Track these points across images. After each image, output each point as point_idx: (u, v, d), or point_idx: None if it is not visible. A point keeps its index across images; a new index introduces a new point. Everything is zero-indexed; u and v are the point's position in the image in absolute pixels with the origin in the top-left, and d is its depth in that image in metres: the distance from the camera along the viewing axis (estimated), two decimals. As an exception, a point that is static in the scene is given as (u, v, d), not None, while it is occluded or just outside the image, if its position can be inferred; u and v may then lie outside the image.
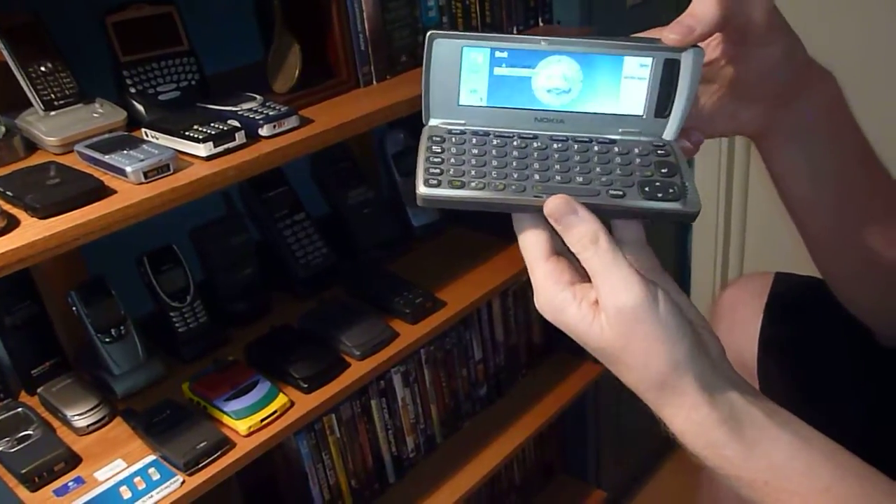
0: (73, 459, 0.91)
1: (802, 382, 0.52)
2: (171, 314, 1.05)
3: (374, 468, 1.23)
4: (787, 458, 0.50)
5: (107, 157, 0.81)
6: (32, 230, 0.72)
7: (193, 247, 1.12)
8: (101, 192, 0.77)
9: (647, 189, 0.52)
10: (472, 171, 0.53)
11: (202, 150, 0.83)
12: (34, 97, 0.89)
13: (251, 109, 0.90)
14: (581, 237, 0.50)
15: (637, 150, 0.55)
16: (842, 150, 0.62)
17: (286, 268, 1.19)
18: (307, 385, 1.01)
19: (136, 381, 1.02)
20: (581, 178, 0.53)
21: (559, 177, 0.53)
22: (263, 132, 0.88)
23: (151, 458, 0.91)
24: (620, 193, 0.52)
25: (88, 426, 0.96)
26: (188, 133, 0.84)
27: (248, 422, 0.94)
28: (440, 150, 0.55)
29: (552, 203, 0.51)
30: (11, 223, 0.73)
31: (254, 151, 0.86)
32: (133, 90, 0.93)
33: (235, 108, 0.90)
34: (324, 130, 0.91)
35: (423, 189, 0.53)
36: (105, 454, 0.93)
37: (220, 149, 0.84)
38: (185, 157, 0.84)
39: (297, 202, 1.21)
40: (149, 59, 0.94)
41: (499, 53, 0.55)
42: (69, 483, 0.88)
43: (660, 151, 0.55)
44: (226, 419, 0.95)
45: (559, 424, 1.62)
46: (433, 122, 0.57)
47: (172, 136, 0.85)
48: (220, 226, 1.13)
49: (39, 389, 1.00)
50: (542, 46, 0.54)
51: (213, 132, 0.84)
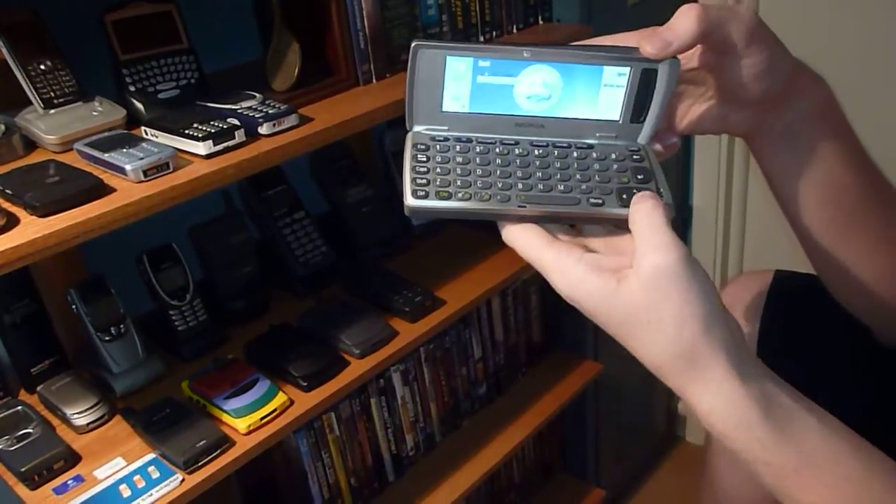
0: (73, 458, 0.91)
1: (802, 380, 0.52)
2: (171, 312, 1.05)
3: (374, 466, 1.23)
4: (816, 446, 0.49)
5: (106, 156, 0.81)
6: (32, 228, 0.72)
7: (193, 245, 1.12)
8: (101, 191, 0.77)
9: (625, 196, 0.54)
10: (458, 181, 0.55)
11: (202, 149, 0.83)
12: (33, 95, 0.88)
13: (251, 108, 0.90)
14: (651, 199, 0.52)
15: (614, 156, 0.57)
16: (833, 153, 0.62)
17: (286, 266, 1.19)
18: (307, 383, 1.01)
19: (136, 380, 1.01)
20: (562, 187, 0.55)
21: (541, 185, 0.55)
22: (263, 130, 0.88)
23: (151, 457, 0.91)
24: (600, 202, 0.55)
25: (88, 424, 0.96)
26: (188, 131, 0.84)
27: (248, 420, 0.94)
28: (425, 159, 0.56)
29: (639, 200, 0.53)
30: (11, 221, 0.73)
31: (253, 150, 0.86)
32: (132, 88, 0.93)
33: (235, 107, 0.90)
34: (323, 129, 0.91)
35: (412, 201, 0.54)
36: (104, 452, 0.93)
37: (220, 147, 0.84)
38: (185, 156, 0.84)
39: (297, 200, 1.21)
40: (148, 58, 0.94)
41: (482, 63, 0.56)
42: (69, 481, 0.88)
43: (635, 157, 0.58)
44: (225, 417, 0.95)
45: (559, 423, 1.62)
46: (417, 129, 0.59)
47: (172, 135, 0.85)
48: (220, 224, 1.13)
49: (39, 388, 1.00)
50: (525, 56, 0.56)
51: (213, 130, 0.84)
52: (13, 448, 0.90)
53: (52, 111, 0.89)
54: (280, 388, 0.99)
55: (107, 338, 0.99)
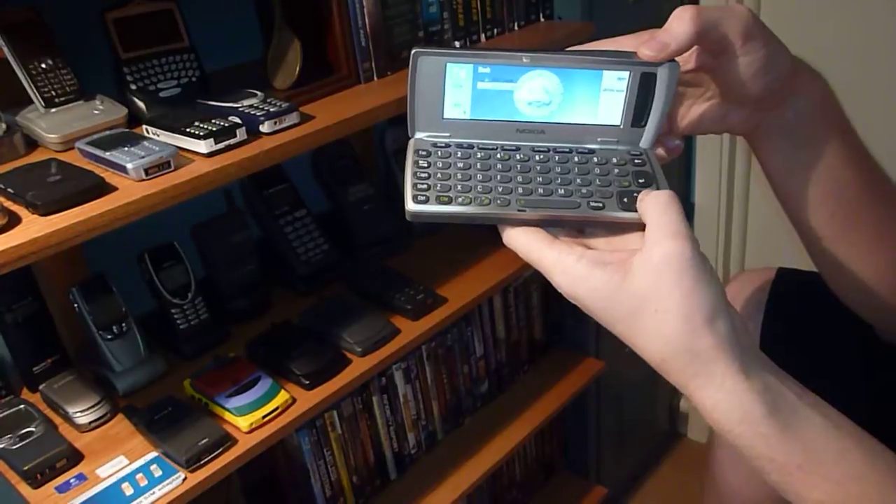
0: (75, 456, 0.91)
1: (804, 378, 0.52)
2: (173, 311, 1.05)
3: (376, 464, 1.24)
4: (821, 442, 0.49)
5: (108, 154, 0.81)
6: (33, 227, 0.72)
7: (194, 244, 1.12)
8: (102, 189, 0.77)
9: (626, 200, 0.55)
10: (459, 186, 0.55)
11: (203, 147, 0.83)
12: (35, 94, 0.88)
13: (252, 106, 0.90)
14: (667, 194, 0.52)
15: (615, 160, 0.58)
16: (833, 150, 0.62)
17: (287, 264, 1.19)
18: (308, 381, 1.01)
19: (138, 378, 1.02)
20: (562, 191, 0.55)
21: (541, 189, 0.55)
22: (264, 129, 0.88)
23: (153, 455, 0.91)
24: (600, 205, 0.55)
25: (90, 423, 0.96)
26: (189, 130, 0.84)
27: (250, 418, 0.94)
28: (426, 165, 0.56)
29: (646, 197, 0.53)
30: (12, 220, 0.73)
31: (255, 148, 0.86)
32: (134, 87, 0.93)
33: (236, 105, 0.90)
34: (324, 127, 0.91)
35: (412, 206, 0.55)
36: (107, 451, 0.93)
37: (221, 145, 0.84)
38: (186, 154, 0.84)
39: (298, 199, 1.21)
40: (149, 56, 0.94)
41: (482, 69, 0.57)
42: (71, 480, 0.88)
43: (636, 160, 0.58)
44: (227, 416, 0.95)
45: (560, 421, 1.62)
46: (418, 136, 0.59)
47: (173, 133, 0.85)
48: (221, 223, 1.13)
49: (41, 386, 1.00)
50: (524, 62, 0.56)
51: (214, 129, 0.84)
52: (16, 447, 0.90)
53: (54, 110, 0.89)
54: (282, 387, 0.99)
55: (109, 336, 0.99)
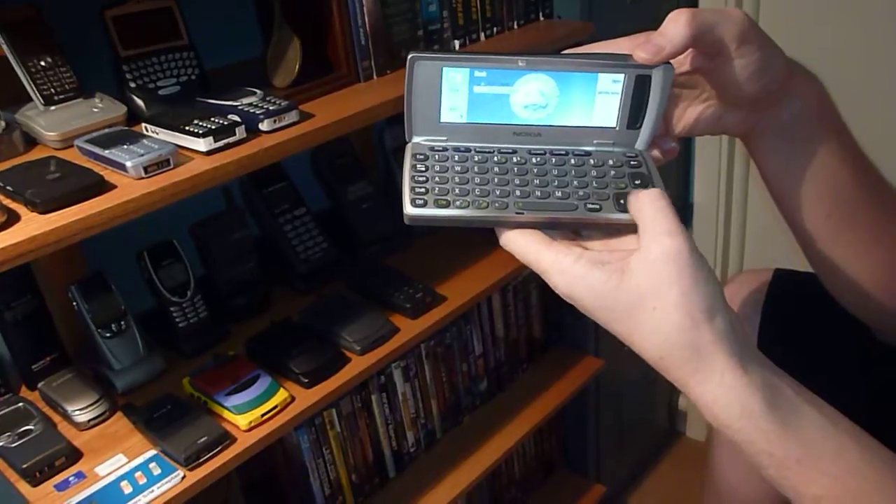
0: (74, 454, 0.91)
1: (802, 378, 0.52)
2: (172, 309, 1.05)
3: (375, 463, 1.24)
4: (819, 437, 0.49)
5: (107, 152, 0.81)
6: (32, 225, 0.72)
7: (194, 242, 1.12)
8: (101, 187, 0.77)
9: (623, 201, 0.55)
10: (456, 190, 0.55)
11: (202, 145, 0.83)
12: (34, 92, 0.88)
13: (251, 104, 0.90)
14: (656, 191, 0.53)
15: (611, 162, 0.58)
16: (829, 151, 0.62)
17: (286, 263, 1.19)
18: (308, 380, 1.01)
19: (137, 376, 1.02)
20: (559, 193, 0.56)
21: (539, 192, 0.56)
22: (264, 127, 0.88)
23: (152, 453, 0.91)
24: (597, 207, 0.55)
25: (89, 421, 0.96)
26: (188, 128, 0.84)
27: (249, 417, 0.94)
28: (424, 169, 0.57)
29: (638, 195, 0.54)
30: (11, 218, 0.73)
31: (254, 146, 0.86)
32: (133, 85, 0.93)
33: (235, 103, 0.90)
34: (324, 125, 0.91)
35: (411, 209, 0.55)
36: (106, 449, 0.93)
37: (221, 143, 0.84)
38: (186, 152, 0.84)
39: (298, 197, 1.21)
40: (148, 54, 0.94)
41: (478, 73, 0.57)
42: (70, 478, 0.89)
43: (633, 162, 0.58)
44: (226, 414, 0.95)
45: (559, 419, 1.62)
46: (416, 140, 0.59)
47: (172, 131, 0.85)
48: (221, 221, 1.13)
49: (40, 384, 1.00)
50: (520, 66, 0.56)
51: (214, 127, 0.84)
52: (14, 445, 0.90)
53: (53, 108, 0.89)
54: (281, 385, 0.99)
55: (108, 334, 0.99)
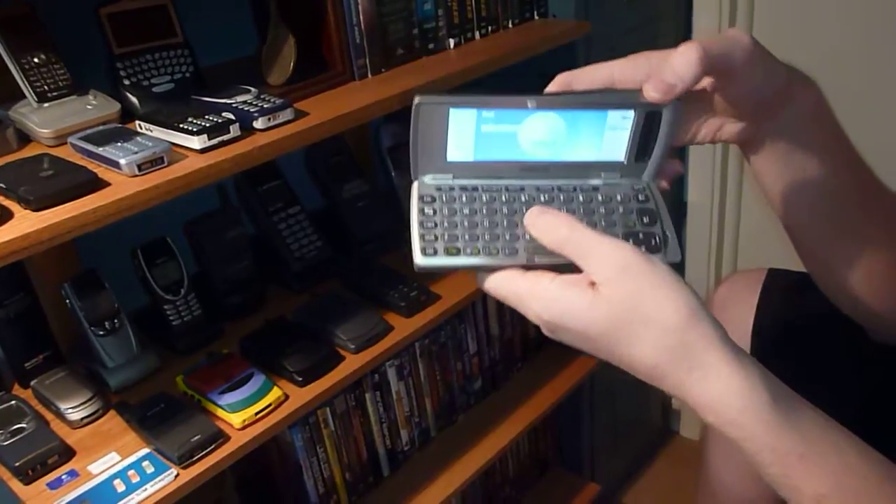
0: (67, 452, 0.91)
1: (796, 378, 0.52)
2: (165, 307, 1.04)
3: (369, 461, 1.24)
4: (818, 433, 0.49)
5: (101, 150, 0.80)
6: (26, 222, 0.71)
7: (188, 240, 1.12)
8: (95, 185, 0.77)
9: (632, 242, 0.54)
10: (466, 236, 0.55)
11: (196, 143, 0.83)
12: (27, 89, 0.88)
13: (246, 102, 0.90)
14: (558, 227, 0.52)
15: (619, 197, 0.58)
16: (825, 154, 0.62)
17: (281, 261, 1.19)
18: (302, 378, 1.01)
19: (130, 375, 1.01)
20: None
21: None
22: (258, 125, 0.88)
23: (145, 452, 0.91)
24: None
25: (82, 419, 0.95)
26: (182, 125, 0.84)
27: (243, 415, 0.94)
28: (432, 213, 0.56)
29: (528, 216, 0.54)
30: (4, 215, 0.73)
31: (248, 144, 0.86)
32: (127, 82, 0.93)
33: (230, 101, 0.90)
34: (319, 123, 0.91)
35: (421, 259, 0.55)
36: (99, 447, 0.93)
37: (215, 141, 0.84)
38: (180, 150, 0.84)
39: (292, 195, 1.21)
40: (143, 51, 0.94)
41: (485, 113, 0.56)
42: (63, 476, 0.88)
43: (640, 197, 0.58)
44: (220, 412, 0.95)
45: (554, 418, 1.62)
46: (422, 179, 0.58)
47: (167, 129, 0.85)
48: (215, 219, 1.13)
49: (33, 382, 1.00)
50: (529, 106, 0.56)
51: (208, 125, 0.84)
52: (7, 443, 0.90)
53: (46, 105, 0.89)
54: (275, 383, 0.99)
55: (101, 332, 0.99)
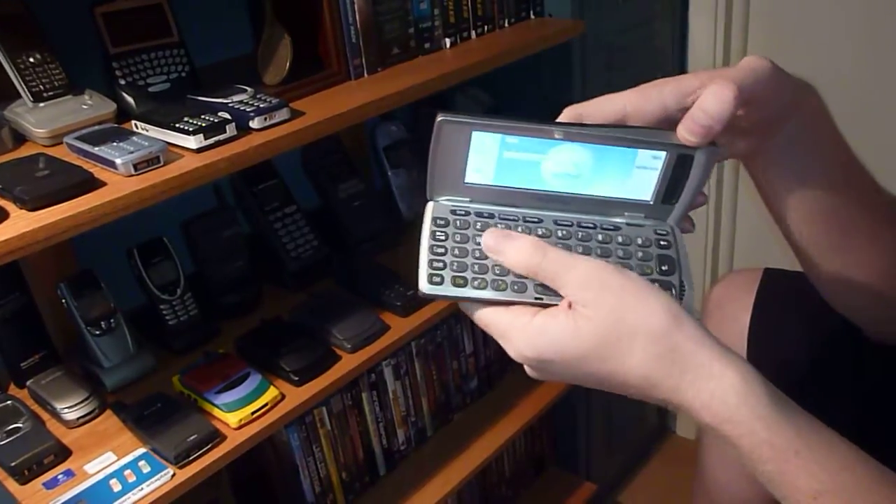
0: (63, 452, 0.91)
1: (792, 377, 0.52)
2: (162, 307, 1.04)
3: (365, 461, 1.24)
4: (812, 430, 0.49)
5: (96, 149, 0.80)
6: (21, 222, 0.71)
7: (184, 239, 1.11)
8: (91, 184, 0.77)
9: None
10: (475, 267, 0.53)
11: (192, 143, 0.83)
12: (23, 88, 0.88)
13: (242, 101, 0.90)
14: (529, 254, 0.51)
15: (640, 241, 0.55)
16: (828, 162, 0.62)
17: (277, 260, 1.19)
18: (298, 378, 1.01)
19: (126, 374, 1.01)
20: None
21: None
22: (254, 124, 0.88)
23: (142, 451, 0.91)
24: None
25: (78, 419, 0.95)
26: (178, 125, 0.84)
27: (239, 414, 0.94)
28: (444, 238, 0.54)
29: (487, 240, 0.53)
30: (0, 215, 0.73)
31: (244, 144, 0.86)
32: (123, 82, 0.93)
33: (226, 101, 0.90)
34: (315, 123, 0.91)
35: (426, 287, 0.53)
36: (95, 447, 0.93)
37: (211, 141, 0.84)
38: (176, 150, 0.84)
39: (288, 195, 1.21)
40: (139, 51, 0.94)
41: (510, 139, 0.54)
42: (59, 476, 0.88)
43: (662, 242, 0.56)
44: (216, 412, 0.95)
45: (550, 417, 1.62)
46: (437, 200, 0.56)
47: (162, 128, 0.85)
48: (211, 218, 1.13)
49: (29, 382, 1.00)
50: (556, 136, 0.53)
51: (204, 124, 0.84)
52: (3, 442, 0.90)
53: (42, 104, 0.89)
54: (271, 383, 0.99)
55: (97, 332, 0.99)
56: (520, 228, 0.55)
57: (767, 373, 0.51)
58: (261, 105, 0.89)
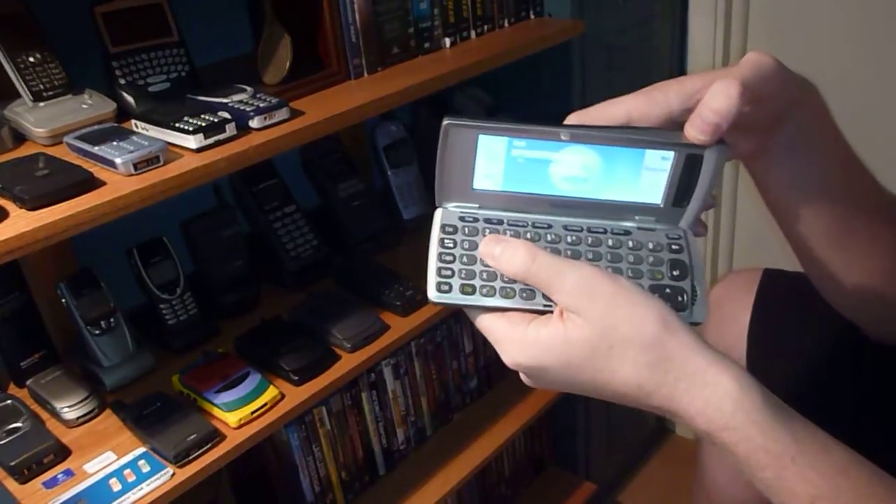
0: (63, 452, 0.91)
1: (791, 378, 0.52)
2: (161, 306, 1.04)
3: (365, 460, 1.24)
4: (808, 434, 0.48)
5: (96, 149, 0.80)
6: (21, 222, 0.71)
7: (183, 239, 1.11)
8: (91, 184, 0.77)
9: (658, 295, 0.52)
10: (484, 275, 0.53)
11: (192, 142, 0.83)
12: (23, 88, 0.88)
13: (241, 101, 0.90)
14: (519, 258, 0.51)
15: (651, 246, 0.55)
16: (828, 159, 0.62)
17: (276, 260, 1.19)
18: (298, 377, 1.01)
19: (126, 374, 1.01)
20: None
21: None
22: (254, 124, 0.88)
23: (141, 451, 0.91)
24: None
25: (78, 418, 0.95)
26: (178, 125, 0.84)
27: (239, 414, 0.94)
28: (452, 245, 0.54)
29: (482, 246, 0.53)
30: (0, 214, 0.73)
31: (244, 143, 0.86)
32: (123, 81, 0.93)
33: (226, 100, 0.90)
34: (314, 122, 0.91)
35: (435, 295, 0.53)
36: (95, 446, 0.93)
37: (211, 140, 0.84)
38: (175, 149, 0.84)
39: (288, 194, 1.21)
40: (138, 50, 0.94)
41: (517, 143, 0.53)
42: (58, 475, 0.88)
43: (673, 246, 0.55)
44: (216, 411, 0.95)
45: (549, 417, 1.62)
46: (446, 207, 0.56)
47: (162, 128, 0.85)
48: (211, 218, 1.13)
49: (28, 381, 1.00)
50: (563, 138, 0.53)
51: (204, 124, 0.84)
52: (3, 442, 0.90)
53: (42, 104, 0.89)
54: (271, 382, 0.99)
55: (96, 331, 0.99)
56: (529, 235, 0.54)
57: (767, 373, 0.51)
58: (260, 105, 0.89)
